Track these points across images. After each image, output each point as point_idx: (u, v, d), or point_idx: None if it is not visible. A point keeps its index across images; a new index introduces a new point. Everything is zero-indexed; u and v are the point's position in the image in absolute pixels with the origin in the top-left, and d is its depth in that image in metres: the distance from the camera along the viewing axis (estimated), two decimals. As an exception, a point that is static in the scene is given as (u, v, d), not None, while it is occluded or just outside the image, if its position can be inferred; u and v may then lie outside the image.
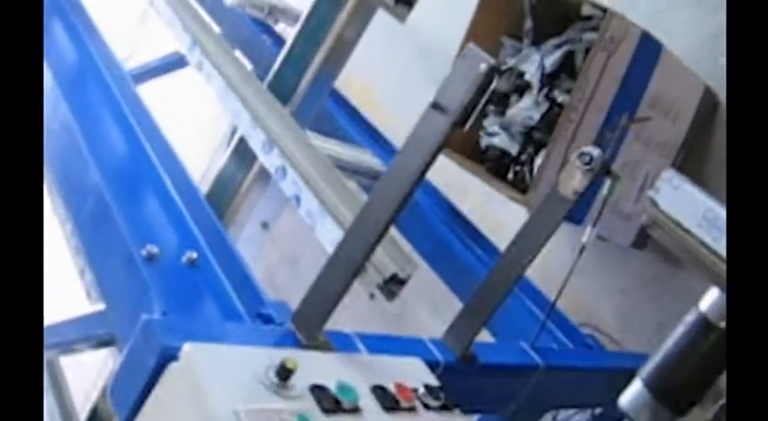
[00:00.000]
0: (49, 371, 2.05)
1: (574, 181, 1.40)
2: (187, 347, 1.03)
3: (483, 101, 1.07)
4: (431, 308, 3.02)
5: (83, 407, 2.17)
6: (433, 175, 2.56)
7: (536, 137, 2.26)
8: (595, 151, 1.40)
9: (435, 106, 1.10)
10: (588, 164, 1.39)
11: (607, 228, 2.32)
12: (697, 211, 1.19)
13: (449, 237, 2.25)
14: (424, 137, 1.11)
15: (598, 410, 2.06)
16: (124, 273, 1.28)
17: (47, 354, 1.81)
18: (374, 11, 1.97)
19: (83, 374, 2.52)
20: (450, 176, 2.67)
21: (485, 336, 1.84)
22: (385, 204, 1.17)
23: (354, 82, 2.83)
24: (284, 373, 1.05)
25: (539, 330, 1.72)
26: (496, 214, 2.86)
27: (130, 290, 1.25)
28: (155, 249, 1.29)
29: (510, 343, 1.73)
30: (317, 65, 2.02)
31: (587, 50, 2.16)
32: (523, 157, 2.28)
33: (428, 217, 2.31)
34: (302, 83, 2.01)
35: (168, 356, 1.03)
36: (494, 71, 1.06)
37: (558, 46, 2.26)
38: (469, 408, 1.49)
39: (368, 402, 1.15)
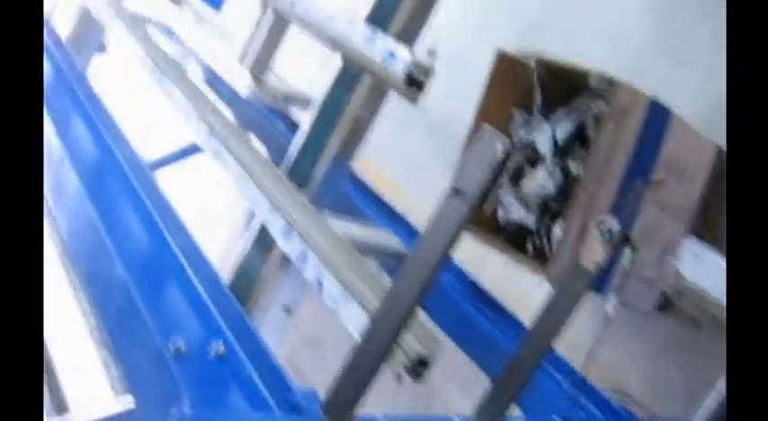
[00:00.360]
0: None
1: (594, 253, 1.41)
2: (219, 443, 1.03)
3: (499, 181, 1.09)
4: (459, 385, 2.99)
5: None
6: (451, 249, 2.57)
7: (552, 207, 2.27)
8: (614, 223, 1.41)
9: (454, 191, 1.12)
10: (608, 236, 1.40)
11: (630, 295, 2.30)
12: (719, 279, 1.19)
13: (472, 313, 2.25)
14: (444, 221, 1.13)
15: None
16: (153, 368, 1.28)
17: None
18: (386, 93, 2.01)
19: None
20: (468, 249, 2.68)
21: (514, 412, 1.83)
22: (410, 288, 1.18)
23: (369, 162, 2.87)
24: (317, 465, 1.05)
25: (569, 402, 1.71)
26: (517, 284, 2.85)
27: (160, 385, 1.25)
28: (181, 343, 1.30)
29: (540, 416, 1.71)
30: (333, 148, 2.05)
31: (597, 119, 2.19)
32: (541, 229, 2.29)
33: (450, 293, 2.31)
34: (319, 166, 2.04)
35: (201, 452, 1.03)
36: (509, 152, 1.08)
37: (569, 117, 2.29)
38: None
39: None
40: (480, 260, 2.86)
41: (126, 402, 1.45)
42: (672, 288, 1.20)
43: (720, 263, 1.18)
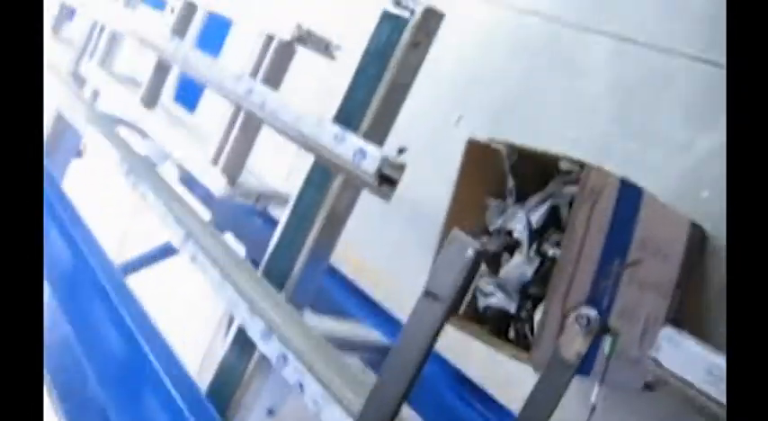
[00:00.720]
0: None
1: (575, 344, 1.40)
2: None
3: (473, 284, 1.09)
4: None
5: None
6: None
7: (532, 292, 2.27)
8: (592, 312, 1.40)
9: (428, 294, 1.11)
10: (586, 326, 1.39)
11: (616, 376, 2.28)
12: (700, 367, 1.18)
13: (458, 405, 2.22)
14: (421, 324, 1.12)
15: None
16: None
17: None
18: (360, 189, 2.03)
19: None
20: (451, 337, 2.66)
21: None
22: (393, 390, 1.17)
23: (349, 255, 2.87)
24: None
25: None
26: (503, 368, 2.83)
27: None
28: (160, 461, 1.27)
29: None
30: (310, 246, 2.05)
31: (571, 202, 2.21)
32: (522, 315, 2.28)
33: (435, 386, 2.29)
34: (297, 265, 2.04)
35: None
36: (481, 255, 1.08)
37: (542, 201, 2.31)
38: None
39: None
40: (465, 347, 2.84)
41: None
42: (653, 376, 1.20)
43: (700, 351, 1.18)
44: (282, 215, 2.11)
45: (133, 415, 1.40)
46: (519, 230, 2.29)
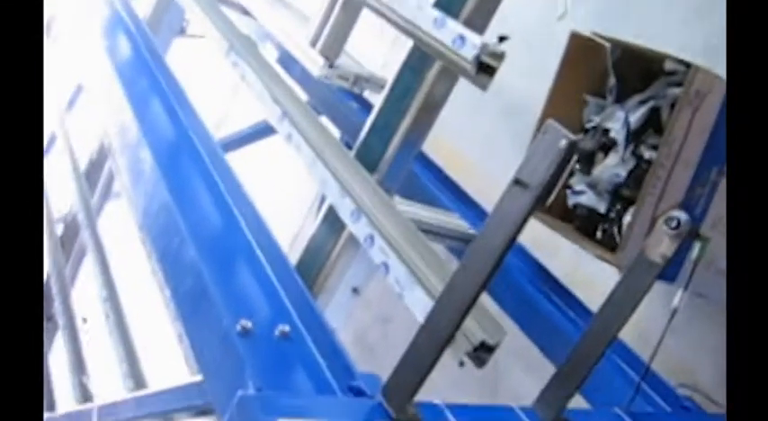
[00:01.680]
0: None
1: (661, 246, 1.39)
2: (280, 424, 1.06)
3: (564, 174, 1.08)
4: (526, 370, 2.98)
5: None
6: (521, 235, 2.56)
7: (624, 194, 2.24)
8: (683, 216, 1.38)
9: (518, 182, 1.12)
10: (675, 228, 1.38)
11: (704, 286, 2.25)
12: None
13: (538, 298, 2.25)
14: (507, 212, 1.13)
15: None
16: (220, 347, 1.32)
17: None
18: (457, 77, 2.01)
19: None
20: (538, 234, 2.66)
21: (578, 402, 1.82)
22: (473, 278, 1.18)
23: (442, 144, 2.87)
24: (374, 449, 1.07)
25: (633, 394, 1.69)
26: (586, 271, 2.83)
27: (226, 364, 1.29)
28: (249, 324, 1.34)
29: (604, 408, 1.70)
30: (404, 131, 2.06)
31: (672, 105, 2.14)
32: (612, 215, 2.26)
33: (516, 278, 2.31)
34: (389, 149, 2.05)
35: (263, 432, 1.06)
36: (573, 146, 1.07)
37: (643, 102, 2.25)
38: (564, 478, 1.47)
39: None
40: (552, 245, 2.84)
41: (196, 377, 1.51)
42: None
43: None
44: (378, 99, 2.12)
45: (226, 280, 1.47)
46: (616, 130, 2.24)
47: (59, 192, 4.23)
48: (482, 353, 1.49)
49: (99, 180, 4.07)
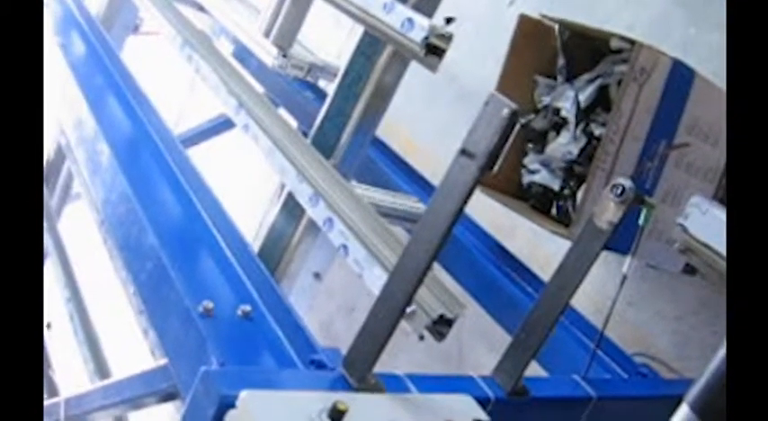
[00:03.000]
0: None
1: (608, 212, 1.44)
2: (244, 395, 1.09)
3: (508, 143, 1.13)
4: (490, 350, 3.03)
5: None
6: (480, 217, 2.60)
7: (577, 171, 2.30)
8: (627, 182, 1.43)
9: (464, 152, 1.16)
10: (620, 195, 1.43)
11: (656, 256, 2.33)
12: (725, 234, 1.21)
13: (497, 276, 2.29)
14: (455, 181, 1.17)
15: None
16: (183, 328, 1.35)
17: (117, 411, 1.89)
18: (408, 61, 2.05)
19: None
20: (497, 218, 2.71)
21: (537, 371, 1.87)
22: (424, 246, 1.22)
23: (399, 132, 2.91)
24: (336, 415, 1.11)
25: (590, 361, 1.74)
26: (545, 251, 2.89)
27: (189, 344, 1.32)
28: (210, 305, 1.36)
29: (562, 376, 1.75)
30: (357, 116, 2.10)
31: (620, 82, 2.20)
32: (566, 192, 2.32)
33: (476, 257, 2.36)
34: (344, 135, 2.09)
35: (226, 404, 1.09)
36: (515, 115, 1.11)
37: (592, 80, 2.31)
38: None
39: (420, 442, 1.20)
40: (510, 227, 2.90)
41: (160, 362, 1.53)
42: (680, 244, 1.23)
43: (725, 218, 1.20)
44: (332, 87, 2.15)
45: (187, 264, 1.49)
46: (567, 108, 2.30)
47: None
48: (441, 326, 1.52)
49: (57, 182, 4.05)
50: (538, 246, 2.97)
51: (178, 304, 1.37)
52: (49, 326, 4.08)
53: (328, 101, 2.14)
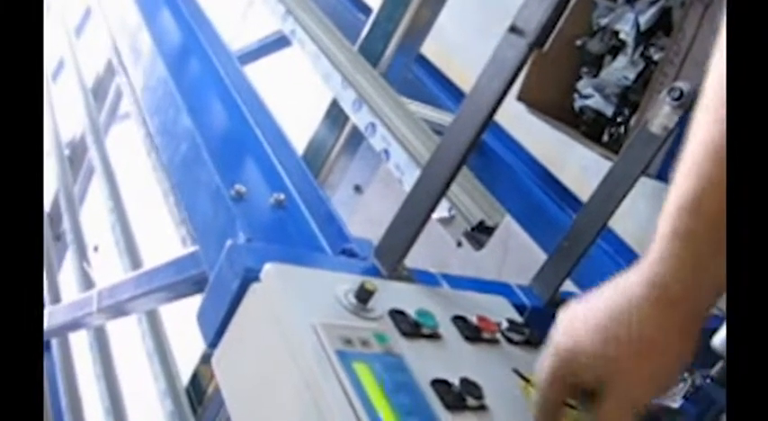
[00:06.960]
0: (150, 322, 2.14)
1: (662, 116, 1.36)
2: (268, 267, 1.05)
3: (562, 19, 1.06)
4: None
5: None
6: (531, 148, 2.53)
7: (631, 97, 2.21)
8: (686, 86, 1.35)
9: (513, 29, 1.09)
10: (678, 99, 1.35)
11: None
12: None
13: (543, 200, 2.23)
14: (502, 59, 1.11)
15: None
16: (213, 209, 1.32)
17: (149, 301, 1.88)
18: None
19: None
20: (547, 152, 2.64)
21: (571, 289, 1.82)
22: (467, 125, 1.15)
23: (451, 62, 2.84)
24: (364, 295, 1.06)
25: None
26: (593, 186, 2.81)
27: (219, 225, 1.28)
28: (243, 189, 1.33)
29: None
30: (406, 23, 2.05)
31: (683, 5, 2.10)
32: (619, 119, 2.23)
33: (523, 181, 2.30)
34: (392, 42, 2.04)
35: (251, 278, 1.05)
36: (570, -10, 1.04)
37: (653, 2, 2.20)
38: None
39: (448, 330, 1.15)
40: (561, 160, 2.82)
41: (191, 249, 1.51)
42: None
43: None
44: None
45: (222, 148, 1.46)
46: (626, 31, 2.20)
47: (68, 116, 4.23)
48: (480, 234, 1.47)
49: (106, 98, 4.05)
50: (585, 184, 2.90)
51: (210, 184, 1.33)
52: (96, 248, 4.14)
53: (376, 10, 2.08)
